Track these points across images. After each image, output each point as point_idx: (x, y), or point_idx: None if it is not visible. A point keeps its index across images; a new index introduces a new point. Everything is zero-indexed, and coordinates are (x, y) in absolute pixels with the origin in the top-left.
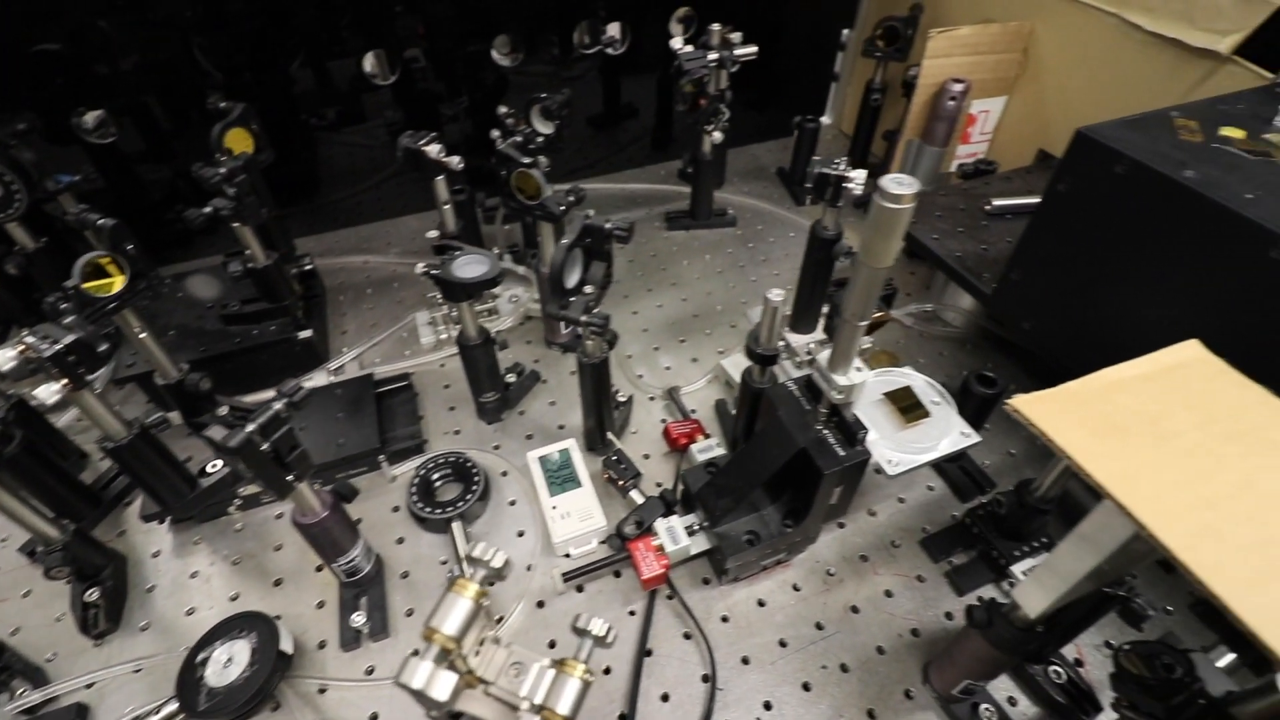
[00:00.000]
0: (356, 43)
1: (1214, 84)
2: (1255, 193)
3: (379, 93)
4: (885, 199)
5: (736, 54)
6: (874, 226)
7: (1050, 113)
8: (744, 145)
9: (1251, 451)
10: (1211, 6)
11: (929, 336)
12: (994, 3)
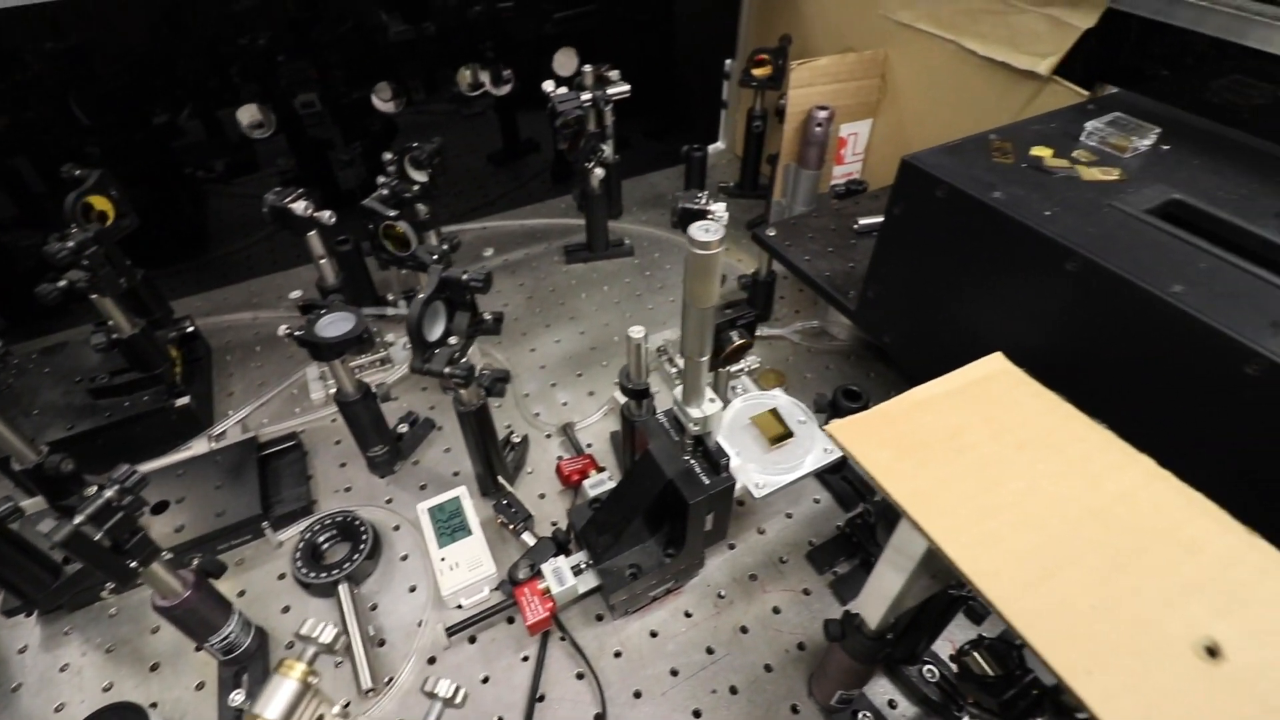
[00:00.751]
0: (250, 89)
1: (1041, 102)
2: (1054, 209)
3: (272, 140)
4: (695, 246)
5: (609, 93)
6: (690, 272)
7: (911, 132)
8: (643, 174)
9: (1039, 457)
10: (1031, 32)
11: (816, 351)
12: (853, 32)
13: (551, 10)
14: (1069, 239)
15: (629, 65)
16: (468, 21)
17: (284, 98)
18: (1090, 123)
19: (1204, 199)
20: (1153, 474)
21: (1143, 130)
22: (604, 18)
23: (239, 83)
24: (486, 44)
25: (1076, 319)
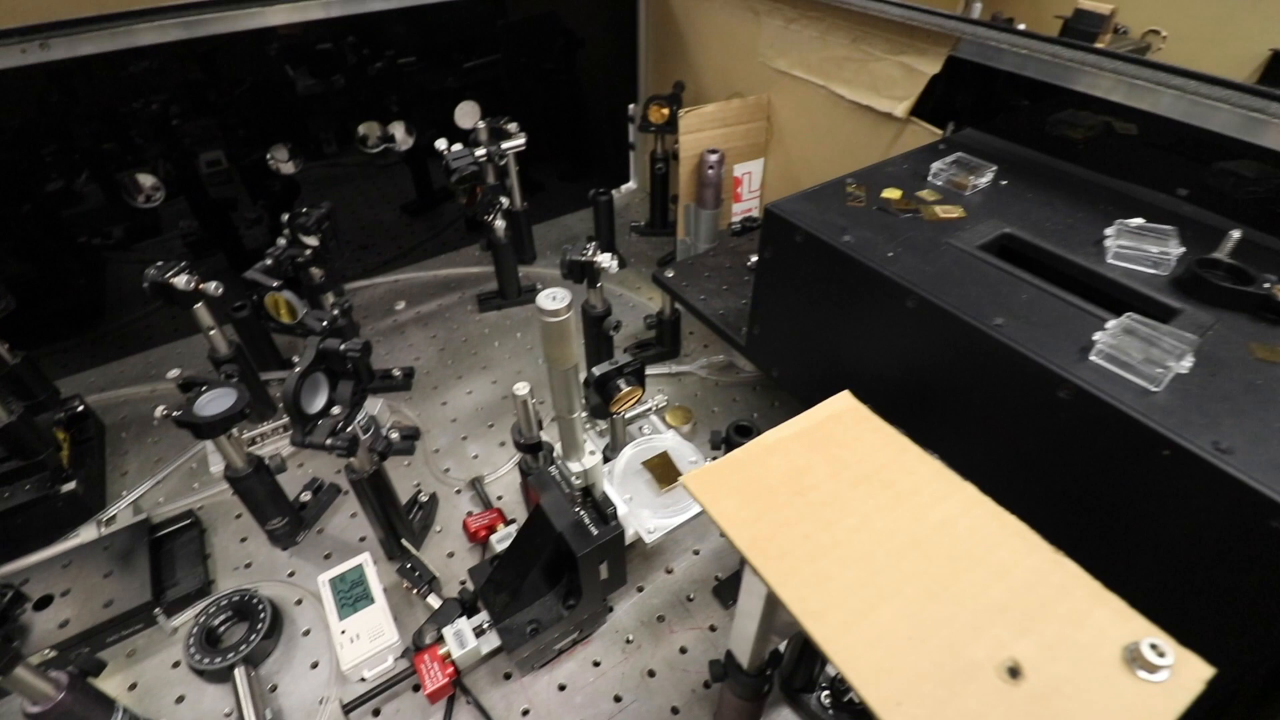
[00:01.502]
0: (152, 150)
1: (904, 139)
2: (897, 250)
3: (173, 202)
4: (543, 314)
5: (504, 147)
6: (544, 338)
7: (799, 169)
8: (557, 216)
9: (872, 492)
10: (888, 78)
11: (724, 384)
12: (739, 78)
13: (457, 62)
14: (907, 279)
15: (538, 111)
16: (370, 78)
17: (185, 159)
18: (936, 163)
19: (1033, 231)
20: (973, 500)
21: (981, 169)
22: (510, 66)
23: (141, 143)
24: (392, 98)
25: (920, 352)
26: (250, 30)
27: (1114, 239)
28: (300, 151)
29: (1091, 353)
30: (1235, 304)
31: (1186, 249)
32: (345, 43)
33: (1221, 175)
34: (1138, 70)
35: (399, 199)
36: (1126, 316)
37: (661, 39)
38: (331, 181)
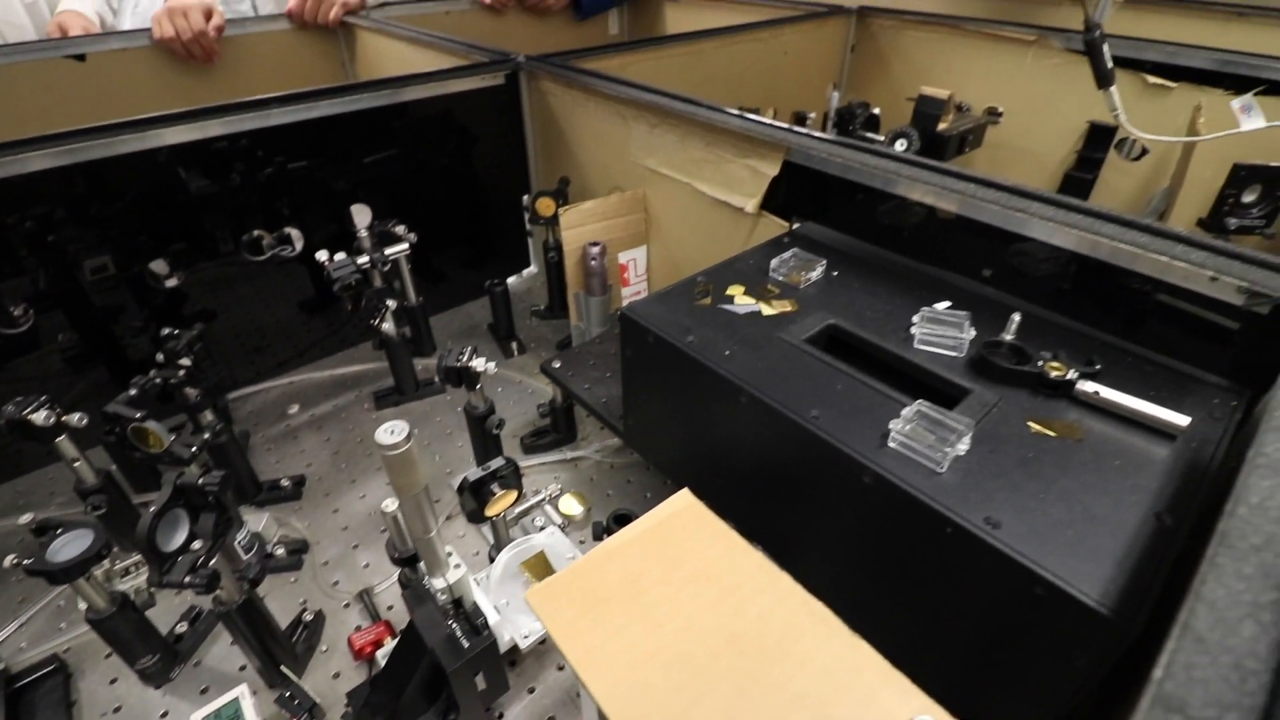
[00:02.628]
0: (32, 261)
1: (759, 231)
2: (734, 348)
3: (50, 314)
4: (382, 449)
5: (388, 253)
6: (387, 469)
7: (677, 255)
8: (459, 305)
9: (699, 590)
10: (739, 178)
11: (619, 467)
12: (617, 174)
13: (356, 157)
14: (740, 376)
15: (438, 203)
16: (263, 181)
17: (66, 270)
18: (774, 259)
19: (855, 320)
20: (786, 591)
21: (813, 263)
22: (408, 161)
23: (16, 259)
24: (284, 200)
25: (758, 441)
26: (146, 150)
27: (919, 325)
28: (182, 262)
29: (889, 439)
30: (1017, 381)
31: (978, 332)
32: (240, 145)
33: (1017, 257)
34: (940, 179)
35: (296, 296)
36: (918, 403)
37: (547, 138)
38: (226, 281)
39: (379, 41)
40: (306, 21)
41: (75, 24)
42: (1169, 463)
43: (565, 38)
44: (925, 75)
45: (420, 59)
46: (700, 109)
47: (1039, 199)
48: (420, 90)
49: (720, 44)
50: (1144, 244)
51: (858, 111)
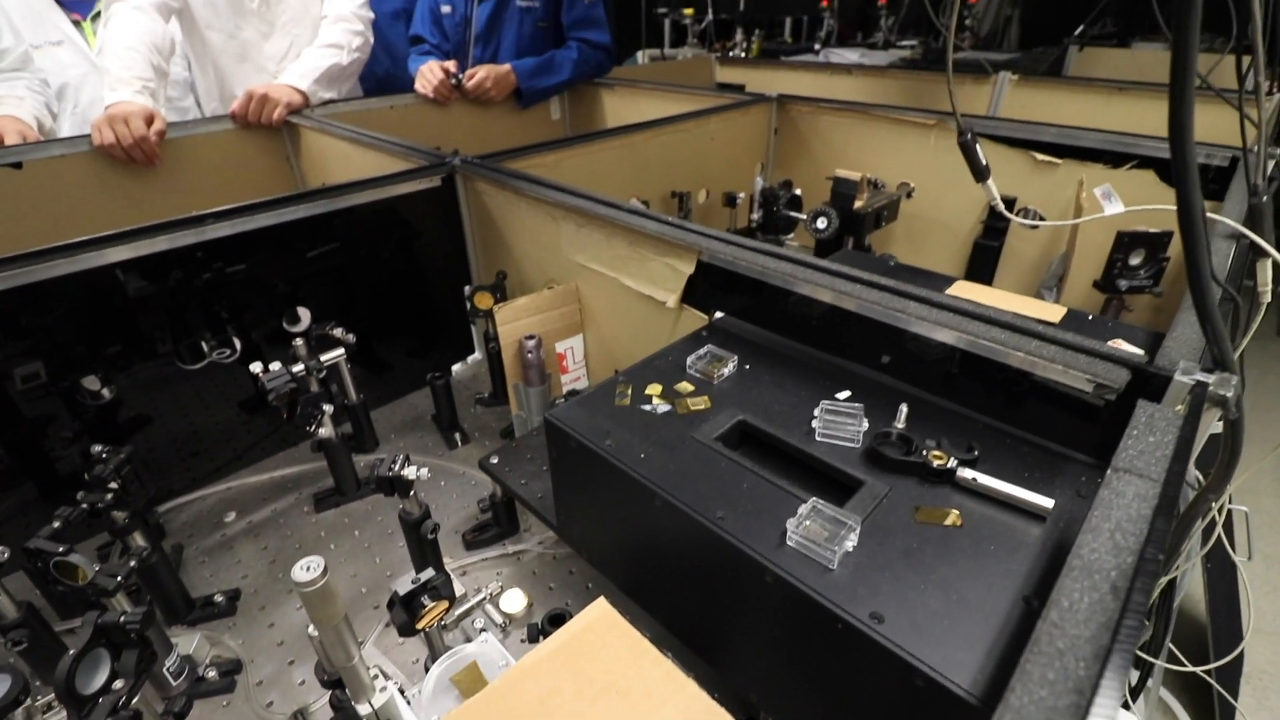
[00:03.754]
0: None
1: (683, 323)
2: (649, 450)
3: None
4: (299, 586)
5: (324, 360)
6: (305, 604)
7: (611, 344)
8: (404, 395)
9: (610, 704)
10: (660, 274)
11: (561, 558)
12: (552, 268)
13: (300, 251)
14: (654, 480)
15: (381, 294)
16: (199, 287)
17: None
18: (690, 356)
19: (764, 415)
20: (692, 698)
21: (725, 359)
22: (350, 254)
23: None
24: (222, 302)
25: (675, 540)
26: (88, 270)
27: (820, 419)
28: (118, 366)
29: (787, 538)
30: (905, 470)
31: (872, 423)
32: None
33: (912, 342)
34: (830, 280)
35: (236, 395)
36: (812, 501)
37: (484, 234)
38: (163, 383)
39: (322, 139)
40: (250, 122)
41: (12, 129)
42: (1039, 545)
43: (509, 125)
44: (843, 153)
45: (362, 158)
46: (621, 213)
47: (915, 299)
48: (359, 196)
49: (651, 135)
50: (1003, 340)
51: (781, 193)
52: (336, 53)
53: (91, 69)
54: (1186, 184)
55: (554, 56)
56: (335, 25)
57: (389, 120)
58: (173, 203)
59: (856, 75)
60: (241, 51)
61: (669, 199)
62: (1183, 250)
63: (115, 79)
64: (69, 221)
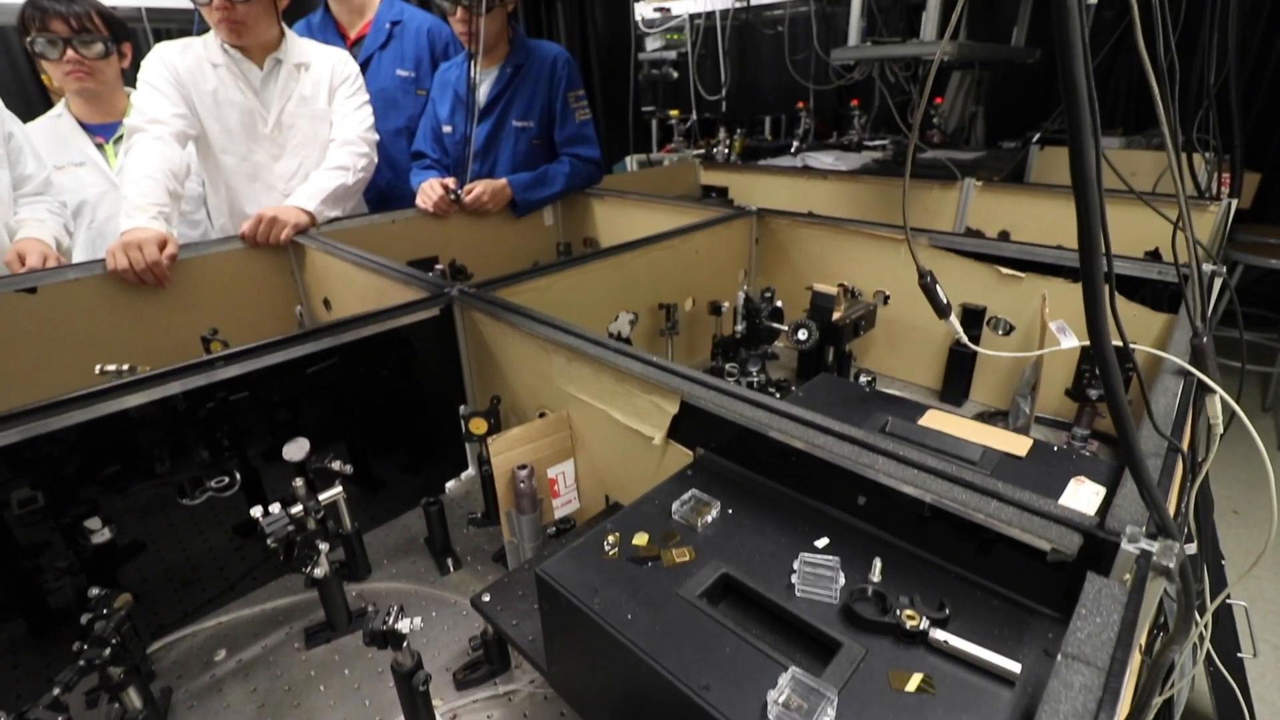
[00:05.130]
0: None
1: (669, 457)
2: (635, 610)
3: None
4: None
5: (321, 499)
6: None
7: (602, 469)
8: (398, 516)
9: None
10: (646, 410)
11: (552, 698)
12: (544, 395)
13: (293, 375)
14: (641, 644)
15: (377, 405)
16: (203, 417)
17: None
18: (675, 501)
19: (745, 567)
20: None
21: (709, 505)
22: (348, 370)
23: None
24: (223, 429)
25: (661, 705)
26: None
27: (799, 573)
28: (113, 511)
29: (768, 710)
30: (880, 630)
31: (847, 577)
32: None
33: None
34: (803, 430)
35: (231, 518)
36: (791, 671)
37: (480, 359)
38: (159, 504)
39: (325, 259)
40: (258, 243)
41: (34, 251)
42: (1009, 710)
43: (505, 233)
44: (820, 262)
45: (364, 279)
46: (608, 352)
47: (882, 453)
48: (362, 330)
49: (639, 254)
50: (965, 500)
51: (763, 306)
52: (343, 174)
53: (110, 187)
54: (1109, 376)
55: (547, 171)
56: (343, 148)
57: (391, 234)
58: (180, 320)
59: (832, 180)
60: (253, 172)
61: (657, 310)
62: (1114, 427)
63: (132, 206)
64: (79, 343)
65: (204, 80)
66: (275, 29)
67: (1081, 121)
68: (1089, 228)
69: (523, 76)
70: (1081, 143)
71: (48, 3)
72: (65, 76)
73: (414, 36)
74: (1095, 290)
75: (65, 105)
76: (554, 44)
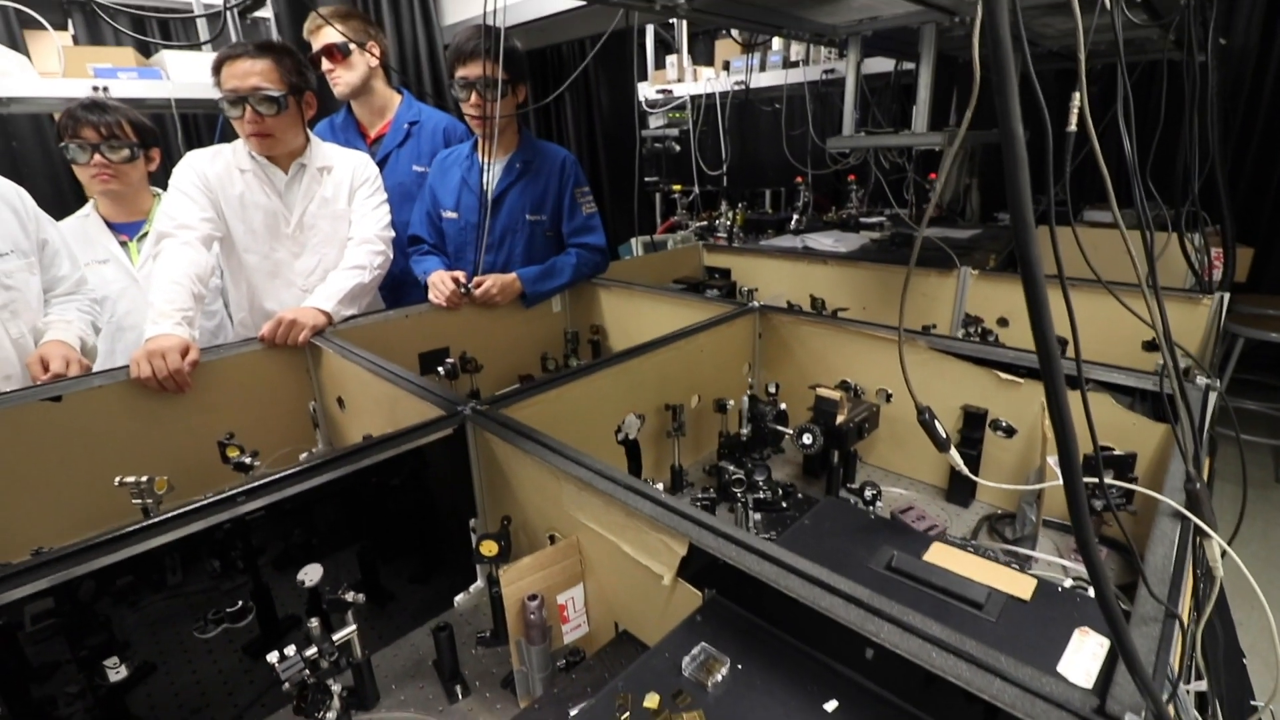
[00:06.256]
0: None
1: (678, 595)
2: None
3: None
4: None
5: (336, 639)
6: None
7: (612, 596)
8: (405, 634)
9: None
10: (655, 547)
11: None
12: (553, 518)
13: (295, 505)
14: None
15: (388, 511)
16: (220, 538)
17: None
18: (685, 658)
19: None
20: None
21: (719, 663)
22: (361, 479)
23: None
24: (237, 546)
25: None
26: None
27: None
28: (126, 631)
29: None
30: None
31: None
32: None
33: None
34: (809, 588)
35: (241, 638)
36: None
37: (491, 478)
38: (170, 617)
39: (340, 361)
40: (277, 344)
41: (57, 355)
42: None
43: (514, 321)
44: (822, 357)
45: (378, 387)
46: (618, 487)
47: (887, 619)
48: (381, 454)
49: (645, 359)
50: (968, 678)
51: (768, 409)
52: (360, 273)
53: (131, 283)
54: (1085, 541)
55: (555, 263)
56: (360, 247)
57: (404, 328)
58: (197, 421)
59: (832, 265)
60: (274, 269)
61: (663, 411)
62: (1105, 620)
63: (158, 312)
64: (100, 446)
65: (231, 185)
66: (301, 137)
67: (1025, 222)
68: (1043, 337)
69: (534, 173)
70: (1025, 238)
71: (81, 112)
72: (91, 179)
73: (430, 135)
74: (1064, 427)
75: (93, 206)
76: (559, 146)
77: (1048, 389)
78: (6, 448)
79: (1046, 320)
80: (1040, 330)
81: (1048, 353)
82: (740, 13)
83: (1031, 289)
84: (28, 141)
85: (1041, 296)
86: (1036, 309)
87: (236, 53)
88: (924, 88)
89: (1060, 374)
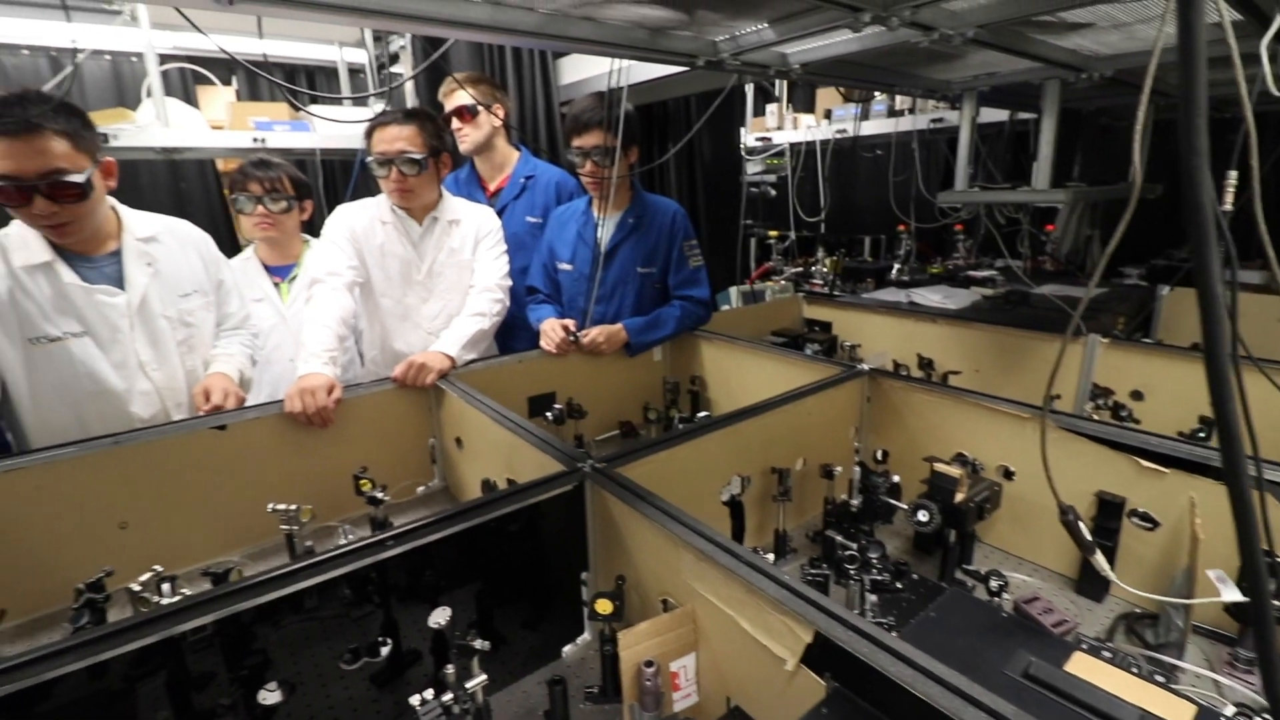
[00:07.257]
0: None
1: (798, 681)
2: None
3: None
4: None
5: (469, 687)
6: None
7: (725, 669)
8: (517, 680)
9: None
10: (778, 629)
11: None
12: (669, 584)
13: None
14: None
15: (505, 560)
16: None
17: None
18: None
19: None
20: None
21: None
22: (482, 526)
23: None
24: (374, 583)
25: None
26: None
27: None
28: (268, 648)
29: None
30: None
31: None
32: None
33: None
34: (949, 699)
35: (370, 668)
36: None
37: (606, 535)
38: (306, 639)
39: (462, 404)
40: (407, 384)
41: (218, 388)
42: None
43: (617, 369)
44: (937, 427)
45: (495, 433)
46: (740, 564)
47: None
48: (505, 507)
49: (753, 421)
50: None
51: (880, 481)
52: (480, 320)
53: (280, 320)
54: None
55: (660, 314)
56: (482, 295)
57: (517, 372)
58: (335, 452)
59: (941, 323)
60: (404, 313)
61: (769, 474)
62: None
63: (309, 352)
64: (253, 471)
65: (374, 235)
66: (435, 193)
67: (1215, 307)
68: (1229, 438)
69: (645, 228)
70: (1215, 331)
71: (251, 169)
72: (254, 226)
73: (544, 189)
74: (1252, 545)
75: (254, 250)
76: (669, 199)
77: (1234, 498)
78: (179, 469)
79: (1235, 425)
80: (1228, 435)
81: (1234, 459)
82: (853, 73)
83: (1218, 388)
84: (194, 183)
85: (1228, 396)
86: (1225, 421)
87: (386, 120)
88: (1046, 144)
89: (1248, 483)
